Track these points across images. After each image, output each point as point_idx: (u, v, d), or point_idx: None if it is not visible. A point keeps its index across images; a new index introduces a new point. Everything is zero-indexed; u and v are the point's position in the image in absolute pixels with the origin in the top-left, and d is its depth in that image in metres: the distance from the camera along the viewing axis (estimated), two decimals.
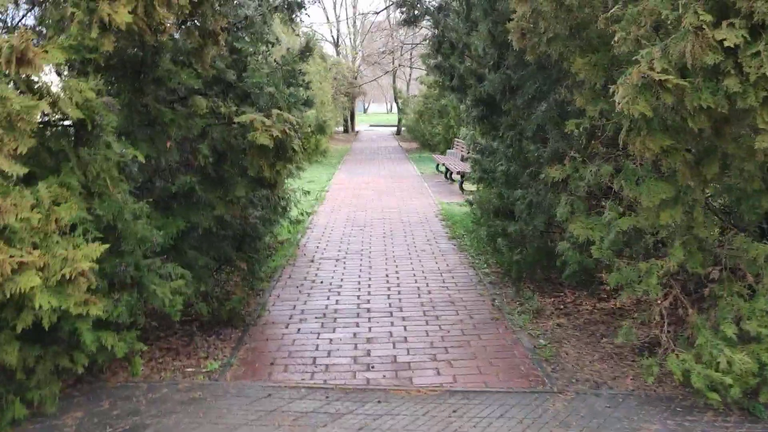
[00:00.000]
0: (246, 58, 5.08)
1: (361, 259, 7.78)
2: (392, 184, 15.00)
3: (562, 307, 5.66)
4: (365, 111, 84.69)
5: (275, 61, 5.66)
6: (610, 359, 4.45)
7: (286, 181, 9.23)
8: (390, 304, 5.98)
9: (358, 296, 6.26)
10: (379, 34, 39.15)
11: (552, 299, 5.85)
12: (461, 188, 13.28)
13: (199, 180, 4.92)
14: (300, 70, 6.50)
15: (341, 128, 39.62)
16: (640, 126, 3.03)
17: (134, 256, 4.17)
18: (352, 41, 38.30)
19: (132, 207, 3.97)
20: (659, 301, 3.73)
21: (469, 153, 12.32)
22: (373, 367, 4.56)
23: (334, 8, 39.97)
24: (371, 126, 52.04)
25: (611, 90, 3.09)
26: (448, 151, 17.98)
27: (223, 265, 5.66)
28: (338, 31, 38.83)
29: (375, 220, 10.47)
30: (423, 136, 24.89)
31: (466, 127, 16.30)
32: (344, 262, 7.66)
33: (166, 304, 4.19)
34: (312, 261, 7.77)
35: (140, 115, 4.66)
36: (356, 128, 43.07)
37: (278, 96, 4.85)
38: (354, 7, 39.36)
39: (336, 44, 38.64)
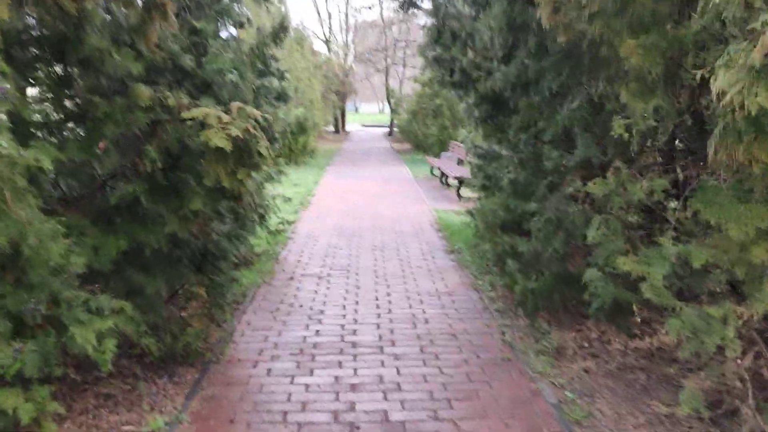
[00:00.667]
0: (207, 41, 4.12)
1: (348, 277, 6.83)
2: (384, 188, 14.05)
3: (586, 344, 4.74)
4: (357, 110, 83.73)
5: (251, 49, 4.71)
6: (660, 425, 3.52)
7: (265, 186, 8.32)
8: (380, 336, 5.04)
9: (343, 325, 5.31)
10: (372, 31, 38.19)
11: (573, 333, 4.93)
12: (458, 195, 12.35)
13: (147, 189, 3.96)
14: (273, 55, 5.51)
15: (331, 128, 38.64)
16: (742, 128, 2.11)
17: (48, 288, 3.22)
18: (344, 37, 37.33)
19: (41, 227, 3.01)
20: (738, 360, 2.82)
21: (467, 156, 11.41)
22: (358, 429, 3.61)
23: (326, 3, 38.89)
24: (363, 126, 51.05)
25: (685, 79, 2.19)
26: (443, 153, 17.07)
27: (179, 290, 4.70)
28: (330, 27, 37.89)
29: (364, 229, 9.52)
30: (416, 137, 23.94)
31: (467, 128, 15.41)
32: (328, 281, 6.71)
33: (90, 351, 3.24)
34: (291, 278, 6.81)
35: (65, 108, 3.70)
36: (347, 128, 42.09)
37: (243, 86, 3.89)
38: (346, 2, 38.39)
39: (327, 41, 37.66)
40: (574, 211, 4.42)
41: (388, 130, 38.81)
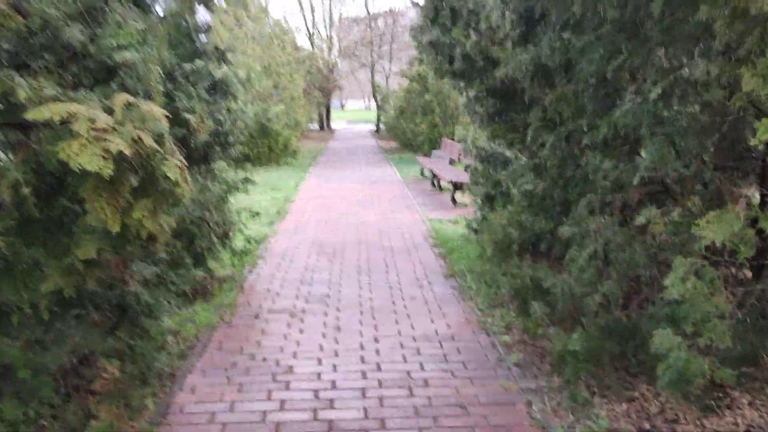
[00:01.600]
0: (105, 6, 2.80)
1: (326, 313, 5.52)
2: (371, 193, 12.75)
3: (647, 426, 3.47)
4: (342, 107, 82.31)
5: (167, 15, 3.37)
6: None
7: (230, 199, 7.00)
8: (365, 411, 3.74)
9: (317, 392, 4.01)
10: (357, 25, 36.83)
11: (625, 405, 3.66)
12: (453, 200, 11.06)
13: (14, 227, 2.65)
14: (207, 25, 4.17)
15: (316, 126, 37.27)
16: None
17: None
18: (327, 29, 35.92)
19: None
20: None
21: (465, 158, 10.14)
22: None
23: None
24: (349, 123, 49.70)
25: None
26: (434, 152, 15.79)
27: (82, 362, 3.38)
28: (313, 19, 36.45)
29: (349, 244, 8.22)
30: (404, 135, 22.64)
31: (464, 125, 14.12)
32: (302, 319, 5.40)
33: None
34: (257, 316, 5.49)
35: None
36: (333, 126, 40.73)
37: (146, 70, 2.58)
38: None
39: (310, 36, 36.26)
40: (637, 247, 3.15)
41: (374, 127, 37.50)
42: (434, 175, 12.92)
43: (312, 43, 35.15)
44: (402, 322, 5.28)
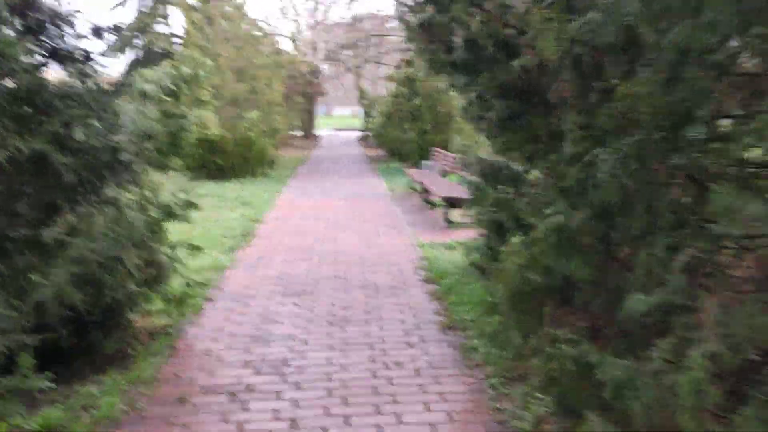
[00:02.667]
0: None
1: (280, 395, 3.99)
2: (353, 210, 11.24)
3: None
4: (328, 114, 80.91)
5: None
6: None
7: (165, 228, 5.48)
8: None
9: None
10: (341, 29, 35.44)
11: None
12: (447, 220, 9.56)
13: None
14: None
15: (300, 132, 35.74)
16: None
17: None
18: (312, 34, 34.40)
19: None
20: None
21: (461, 171, 8.70)
22: None
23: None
24: (336, 130, 48.22)
25: None
26: (424, 162, 14.32)
27: None
28: (297, 23, 35.00)
29: (323, 280, 6.70)
30: (391, 143, 21.19)
31: (465, 133, 12.75)
32: (245, 406, 3.86)
33: None
34: (182, 400, 3.95)
35: None
36: (317, 133, 39.22)
37: None
38: None
39: (293, 39, 34.75)
40: None
41: (361, 134, 36.05)
42: (425, 189, 11.44)
43: (295, 47, 33.66)
44: (384, 410, 3.75)
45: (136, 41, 29.49)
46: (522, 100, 4.34)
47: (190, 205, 5.67)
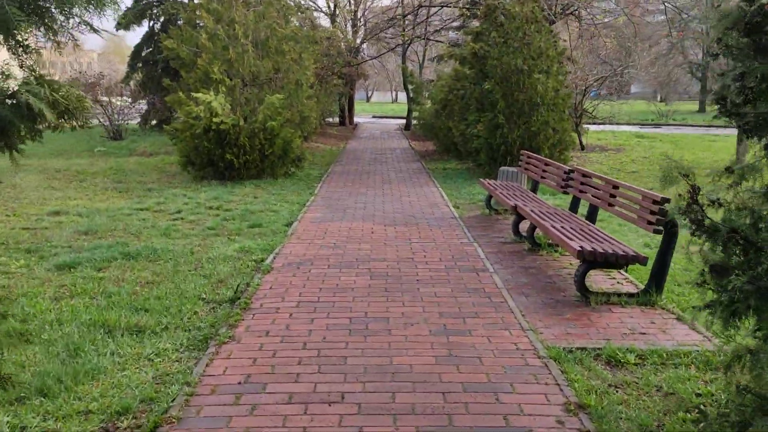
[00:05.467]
0: None
1: None
2: (407, 249, 7.29)
3: None
4: (368, 99, 77.06)
5: None
6: None
7: None
8: None
9: None
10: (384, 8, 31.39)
11: None
12: (583, 291, 5.46)
13: None
14: None
15: (336, 119, 31.96)
16: None
17: None
18: (352, 6, 30.37)
19: None
20: None
21: (553, 176, 4.73)
22: None
23: None
24: (375, 117, 44.29)
25: None
26: (503, 170, 10.31)
27: None
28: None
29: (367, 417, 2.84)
30: (446, 137, 17.20)
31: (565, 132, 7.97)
32: None
33: None
34: None
35: None
36: (355, 120, 35.35)
37: None
38: None
39: (333, 15, 30.82)
40: None
41: (404, 122, 32.06)
42: (518, 215, 7.43)
43: (334, 24, 29.75)
44: None
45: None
46: None
47: None
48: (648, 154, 19.23)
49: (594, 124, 22.82)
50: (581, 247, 5.13)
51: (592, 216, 6.75)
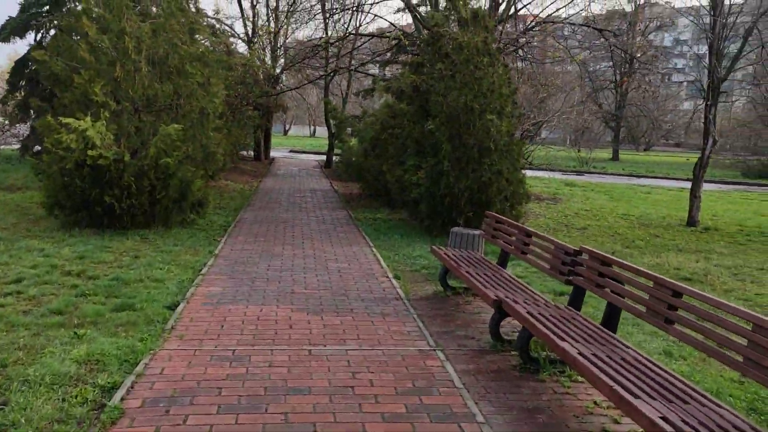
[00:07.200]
0: None
1: None
2: (344, 362, 4.92)
3: None
4: (286, 133, 74.55)
5: None
6: None
7: None
8: None
9: None
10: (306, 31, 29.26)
11: None
12: None
13: None
14: None
15: (251, 153, 29.34)
16: None
17: None
18: (272, 38, 28.07)
19: None
20: None
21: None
22: None
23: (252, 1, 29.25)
24: (292, 152, 41.86)
25: None
26: (455, 231, 8.20)
27: None
28: (253, 23, 28.73)
29: None
30: (376, 180, 15.10)
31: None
32: None
33: None
34: None
35: None
36: (271, 154, 32.80)
37: None
38: None
39: (250, 41, 28.39)
40: None
41: (325, 159, 29.83)
42: (499, 311, 5.25)
43: (251, 48, 27.27)
44: None
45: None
46: None
47: None
48: (588, 206, 17.88)
49: (530, 169, 21.48)
50: (659, 413, 2.98)
51: (611, 320, 4.66)
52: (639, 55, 20.22)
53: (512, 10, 18.33)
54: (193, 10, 14.94)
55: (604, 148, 52.04)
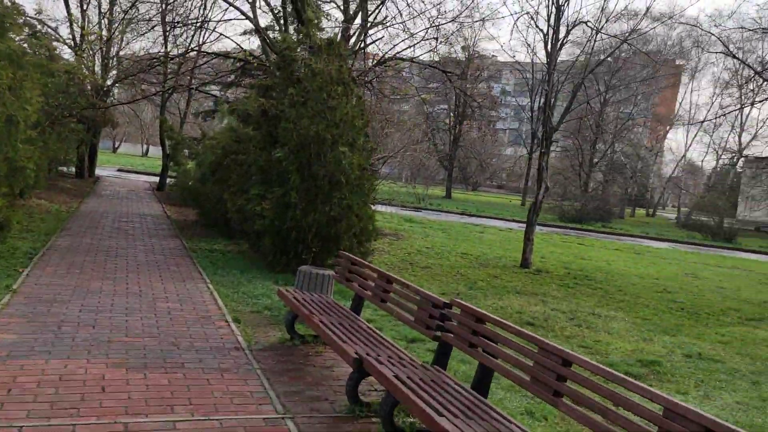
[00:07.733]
0: None
1: None
2: None
3: None
4: (115, 150, 69.35)
5: None
6: None
7: None
8: None
9: None
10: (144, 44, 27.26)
11: None
12: None
13: None
14: None
15: (73, 170, 26.46)
16: None
17: None
18: (102, 46, 25.68)
19: None
20: None
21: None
22: None
23: (81, 4, 26.46)
24: (120, 171, 38.65)
25: None
26: (306, 271, 7.51)
27: None
28: (82, 28, 26.14)
29: None
30: (215, 208, 14.01)
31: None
32: None
33: None
34: None
35: None
36: (97, 173, 29.87)
37: None
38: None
39: (77, 48, 25.73)
40: None
41: (158, 181, 27.69)
42: (359, 372, 4.60)
43: (78, 55, 24.67)
44: None
45: None
46: None
47: None
48: (429, 243, 18.07)
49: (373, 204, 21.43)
50: None
51: (482, 383, 4.24)
52: (480, 100, 21.13)
53: (361, 45, 18.32)
54: (8, 3, 13.00)
55: (438, 185, 54.45)
